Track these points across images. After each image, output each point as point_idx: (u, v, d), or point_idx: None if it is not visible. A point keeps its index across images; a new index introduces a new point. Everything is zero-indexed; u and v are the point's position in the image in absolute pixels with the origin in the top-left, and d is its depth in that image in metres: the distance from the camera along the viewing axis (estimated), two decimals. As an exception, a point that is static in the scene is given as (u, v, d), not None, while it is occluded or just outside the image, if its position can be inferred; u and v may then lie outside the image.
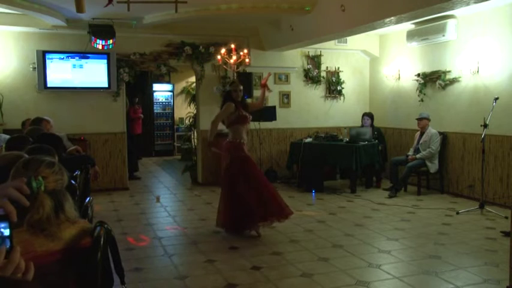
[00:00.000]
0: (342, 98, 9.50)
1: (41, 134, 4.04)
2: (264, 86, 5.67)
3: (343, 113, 9.53)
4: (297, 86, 9.24)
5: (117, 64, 7.94)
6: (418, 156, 7.48)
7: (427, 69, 7.98)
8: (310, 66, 9.24)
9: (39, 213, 1.67)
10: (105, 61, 7.79)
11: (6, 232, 1.06)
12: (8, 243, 1.05)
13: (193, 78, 11.04)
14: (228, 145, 5.42)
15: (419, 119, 7.55)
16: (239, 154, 5.33)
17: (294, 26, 7.47)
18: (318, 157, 7.92)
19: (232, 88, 5.43)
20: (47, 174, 1.73)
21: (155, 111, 13.74)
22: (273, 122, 8.59)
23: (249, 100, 8.54)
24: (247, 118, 5.42)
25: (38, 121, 5.13)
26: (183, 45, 8.34)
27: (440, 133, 7.52)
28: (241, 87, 5.43)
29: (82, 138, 7.67)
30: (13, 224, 1.08)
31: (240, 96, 5.39)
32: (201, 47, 8.40)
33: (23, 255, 1.08)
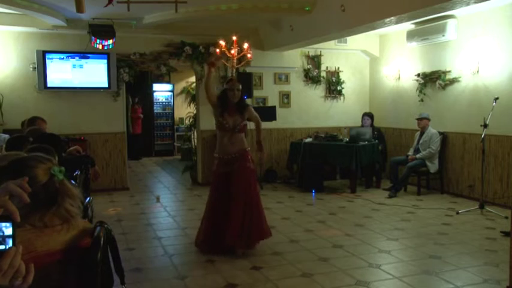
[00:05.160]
0: (342, 98, 9.51)
1: (40, 134, 4.04)
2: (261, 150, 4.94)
3: (343, 113, 9.53)
4: (297, 86, 9.24)
5: (117, 64, 7.93)
6: (418, 156, 7.48)
7: (427, 69, 7.98)
8: (310, 66, 9.24)
9: (72, 200, 1.71)
10: (105, 61, 7.79)
11: (7, 232, 1.06)
12: (8, 243, 1.05)
13: (193, 78, 11.04)
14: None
15: (419, 119, 7.55)
16: (214, 170, 4.86)
17: (294, 26, 7.47)
18: (318, 157, 7.92)
19: (228, 86, 4.67)
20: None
21: (155, 111, 13.74)
22: (273, 122, 8.59)
23: (248, 100, 8.57)
24: (226, 128, 4.67)
25: (33, 120, 5.12)
26: (183, 45, 8.34)
27: (440, 133, 7.52)
28: (240, 87, 4.69)
29: (82, 138, 7.67)
30: (16, 224, 1.08)
31: (238, 96, 4.65)
32: (201, 47, 8.40)
33: (24, 255, 1.08)
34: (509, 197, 6.43)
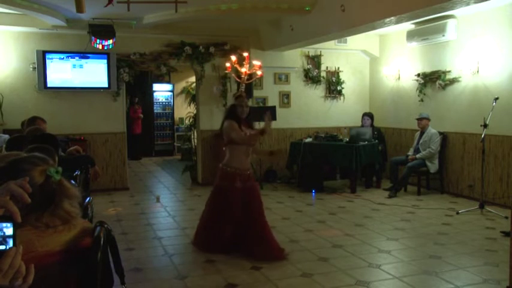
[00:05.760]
0: (342, 98, 9.50)
1: (35, 135, 4.02)
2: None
3: (343, 113, 9.53)
4: (297, 86, 9.24)
5: (117, 64, 7.94)
6: (418, 156, 7.48)
7: (427, 69, 7.98)
8: (310, 66, 9.24)
9: (71, 200, 1.70)
10: (105, 61, 7.80)
11: (8, 232, 1.06)
12: (9, 243, 1.05)
13: (193, 78, 11.05)
14: (219, 171, 4.77)
15: (419, 119, 7.55)
16: (226, 184, 4.67)
17: (294, 26, 7.47)
18: (318, 157, 7.92)
19: (237, 102, 4.69)
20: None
21: (155, 111, 13.75)
22: (273, 122, 8.56)
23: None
24: None
25: (33, 120, 5.11)
26: (183, 45, 8.34)
27: (440, 133, 7.52)
28: (248, 103, 4.79)
29: (82, 138, 7.68)
30: (17, 225, 1.08)
31: (246, 112, 4.69)
32: (201, 47, 8.41)
33: (24, 255, 1.07)
34: (509, 197, 6.42)
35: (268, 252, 4.58)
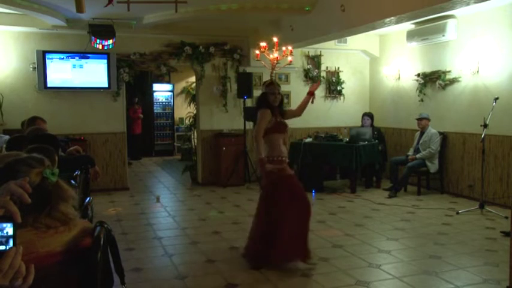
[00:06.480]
0: (342, 98, 9.51)
1: (36, 135, 4.02)
2: (312, 94, 4.76)
3: (343, 113, 9.53)
4: (297, 86, 9.24)
5: (117, 64, 7.94)
6: (418, 156, 7.48)
7: (427, 69, 7.98)
8: (310, 66, 9.24)
9: (67, 202, 1.70)
10: (105, 61, 7.80)
11: (9, 232, 1.06)
12: (9, 243, 1.05)
13: (193, 78, 11.05)
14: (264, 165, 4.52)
15: (419, 119, 7.55)
16: (278, 174, 4.48)
17: (294, 26, 7.47)
18: (318, 157, 7.92)
19: (269, 90, 4.49)
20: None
21: (155, 111, 13.75)
22: (273, 122, 8.57)
23: (248, 100, 8.58)
24: (286, 126, 4.59)
25: (33, 120, 5.11)
26: (183, 45, 8.34)
27: (440, 133, 7.52)
28: (280, 90, 4.61)
29: (82, 138, 7.68)
30: (17, 225, 1.08)
31: (279, 100, 4.51)
32: (201, 47, 8.41)
33: (25, 256, 1.08)
34: (509, 197, 6.42)
35: (300, 250, 4.33)
